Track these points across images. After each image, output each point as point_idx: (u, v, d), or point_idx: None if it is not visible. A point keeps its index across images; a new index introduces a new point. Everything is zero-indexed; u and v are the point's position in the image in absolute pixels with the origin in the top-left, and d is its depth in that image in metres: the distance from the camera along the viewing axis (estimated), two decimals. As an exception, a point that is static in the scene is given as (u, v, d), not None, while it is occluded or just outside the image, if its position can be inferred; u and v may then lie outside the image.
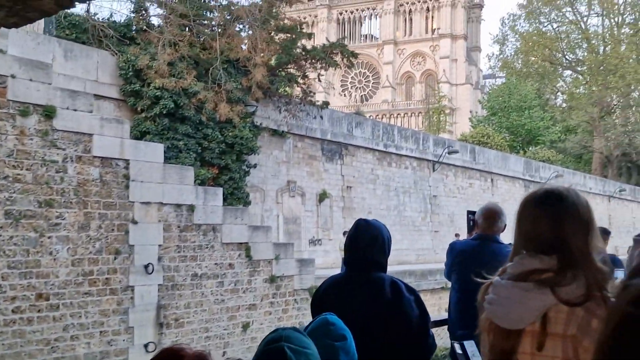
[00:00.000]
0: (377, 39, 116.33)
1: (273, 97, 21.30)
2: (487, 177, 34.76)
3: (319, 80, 23.61)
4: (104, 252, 13.43)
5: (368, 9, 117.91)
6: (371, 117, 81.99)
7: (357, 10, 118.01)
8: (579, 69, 59.81)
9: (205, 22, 19.41)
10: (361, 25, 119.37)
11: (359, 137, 26.00)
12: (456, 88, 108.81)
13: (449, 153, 30.22)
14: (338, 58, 21.72)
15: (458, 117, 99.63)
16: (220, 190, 15.75)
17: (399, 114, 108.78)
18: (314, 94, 23.61)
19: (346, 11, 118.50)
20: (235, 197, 19.94)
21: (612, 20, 60.41)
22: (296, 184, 23.03)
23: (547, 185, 2.18)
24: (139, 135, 17.79)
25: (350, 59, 21.87)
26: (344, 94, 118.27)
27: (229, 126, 19.34)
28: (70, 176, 12.86)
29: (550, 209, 2.00)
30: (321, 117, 22.74)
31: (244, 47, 17.84)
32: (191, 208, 15.03)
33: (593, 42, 59.50)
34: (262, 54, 17.46)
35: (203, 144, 19.02)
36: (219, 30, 18.16)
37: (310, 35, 21.58)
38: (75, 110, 13.01)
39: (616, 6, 59.82)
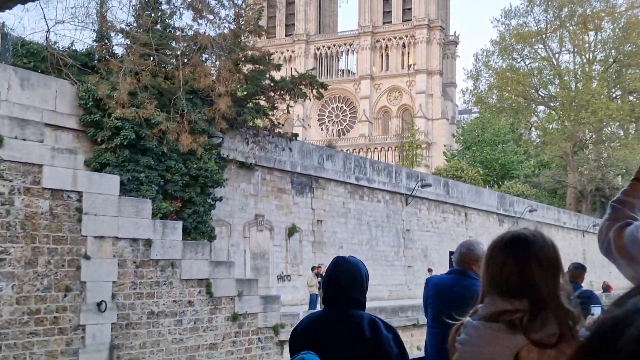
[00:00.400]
0: (354, 74, 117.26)
1: (241, 129, 20.86)
2: (460, 211, 34.50)
3: (288, 112, 23.25)
4: (53, 289, 12.71)
5: (345, 44, 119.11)
6: (348, 151, 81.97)
7: (334, 45, 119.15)
8: (552, 104, 60.48)
9: (170, 51, 19.01)
10: (338, 60, 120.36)
11: (330, 170, 25.61)
12: (432, 123, 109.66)
13: (422, 186, 29.93)
14: (307, 89, 21.41)
15: (434, 151, 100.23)
16: (179, 224, 15.16)
17: (375, 148, 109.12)
18: (283, 125, 23.22)
19: (323, 46, 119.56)
20: (200, 231, 19.30)
21: (583, 57, 61.41)
22: (264, 218, 22.47)
23: (513, 229, 2.19)
24: (99, 167, 17.18)
25: (320, 90, 21.58)
26: (322, 128, 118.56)
27: (193, 158, 18.81)
28: (17, 209, 12.20)
29: (517, 254, 2.02)
30: (290, 149, 22.32)
31: (209, 77, 17.42)
32: (148, 242, 14.39)
33: (565, 78, 60.32)
34: (226, 84, 17.05)
35: (166, 176, 18.44)
36: (183, 59, 17.77)
37: (279, 67, 21.29)
38: (24, 139, 12.42)
39: (587, 44, 60.89)
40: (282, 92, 21.10)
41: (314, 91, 21.54)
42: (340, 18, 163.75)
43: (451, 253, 26.34)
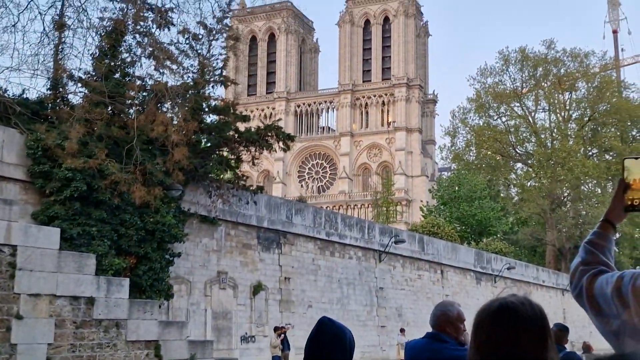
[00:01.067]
0: (334, 131, 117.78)
1: (203, 182, 20.05)
2: (436, 268, 33.61)
3: (254, 164, 22.54)
4: (-22, 353, 11.55)
5: (325, 102, 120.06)
6: (328, 208, 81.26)
7: (314, 103, 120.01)
8: (529, 161, 60.56)
9: (129, 100, 18.35)
10: (319, 117, 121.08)
11: (299, 225, 24.73)
12: (412, 180, 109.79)
13: (396, 242, 29.09)
14: (273, 141, 20.76)
15: (414, 208, 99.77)
16: (126, 281, 14.12)
17: (355, 205, 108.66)
18: (246, 178, 22.45)
19: (304, 104, 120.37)
20: (156, 289, 18.21)
21: (559, 115, 62.00)
22: (227, 275, 21.41)
23: (502, 294, 2.08)
24: (47, 220, 16.19)
25: (287, 141, 20.94)
26: (302, 185, 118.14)
27: (149, 211, 17.89)
28: (-61, 264, 11.16)
29: (505, 325, 1.95)
30: (255, 202, 21.48)
31: (165, 125, 16.69)
32: (90, 301, 13.32)
33: (541, 136, 60.67)
34: (182, 133, 16.35)
35: (120, 230, 17.46)
36: (140, 108, 17.09)
37: (245, 118, 20.68)
38: (-48, 188, 11.49)
39: (562, 103, 61.59)
40: (247, 143, 20.41)
41: (281, 143, 20.90)
42: (321, 77, 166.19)
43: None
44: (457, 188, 45.64)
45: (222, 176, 20.72)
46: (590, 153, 61.17)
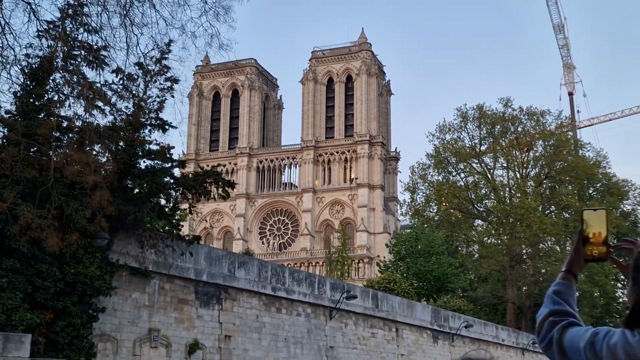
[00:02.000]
0: (297, 187, 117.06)
1: (135, 230, 18.67)
2: (391, 326, 32.26)
3: (191, 213, 21.29)
4: None
5: (288, 158, 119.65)
6: (289, 265, 79.51)
7: (277, 159, 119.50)
8: (489, 218, 60.30)
9: (55, 142, 17.10)
10: (281, 173, 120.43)
11: (243, 279, 23.33)
12: (374, 237, 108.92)
13: (347, 298, 27.78)
14: (213, 187, 19.61)
15: (376, 266, 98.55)
16: (27, 338, 12.60)
17: (317, 263, 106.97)
18: (181, 226, 21.12)
19: (266, 159, 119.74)
20: (75, 347, 16.57)
21: (517, 172, 62.27)
22: (160, 333, 19.79)
23: (467, 356, 2.08)
24: (-51, 269, 14.63)
25: (226, 188, 19.81)
26: (263, 242, 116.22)
27: (71, 262, 16.43)
28: None
29: None
30: (190, 253, 20.10)
31: (87, 168, 15.45)
32: (-19, 361, 11.73)
33: (500, 193, 60.67)
34: (102, 174, 15.13)
35: (35, 282, 15.93)
36: (60, 150, 15.86)
37: (183, 164, 19.53)
38: None
39: (519, 160, 61.96)
40: (184, 189, 19.21)
41: (220, 190, 19.74)
42: (285, 133, 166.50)
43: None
44: (414, 243, 44.75)
45: (155, 225, 19.39)
46: (548, 210, 61.28)
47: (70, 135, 17.11)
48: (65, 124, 17.55)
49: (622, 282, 64.50)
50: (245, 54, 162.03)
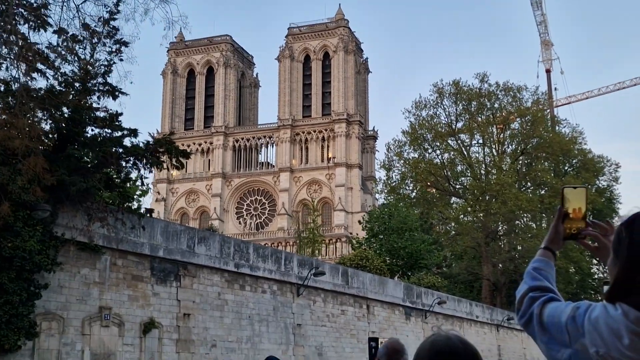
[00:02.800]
0: (274, 166, 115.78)
1: (83, 203, 17.49)
2: (362, 302, 31.50)
3: (142, 184, 20.16)
4: None
5: (265, 137, 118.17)
6: (266, 245, 78.67)
7: (253, 138, 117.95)
8: (465, 195, 59.78)
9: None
10: (258, 153, 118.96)
11: (203, 255, 22.28)
12: (352, 216, 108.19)
13: (315, 275, 26.90)
14: (165, 157, 18.47)
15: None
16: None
17: (295, 242, 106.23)
18: (133, 199, 19.98)
19: (242, 139, 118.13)
20: (13, 327, 15.46)
21: (493, 149, 61.72)
22: (112, 311, 18.72)
23: (434, 337, 2.17)
24: None
25: (180, 158, 18.68)
26: (240, 222, 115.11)
27: (8, 235, 15.26)
28: None
29: None
30: (143, 227, 18.95)
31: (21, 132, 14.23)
32: None
33: (476, 169, 60.14)
34: (33, 139, 13.93)
35: (-34, 256, 14.77)
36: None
37: (134, 132, 18.32)
38: None
39: (496, 136, 61.39)
40: (135, 159, 18.05)
41: (174, 160, 18.61)
42: (261, 112, 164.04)
43: (371, 340, 23.00)
44: (387, 219, 43.93)
45: (104, 197, 18.23)
46: (524, 187, 60.86)
47: (5, 98, 15.84)
48: (1, 87, 16.28)
49: (597, 259, 64.58)
50: (220, 30, 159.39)
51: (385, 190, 62.43)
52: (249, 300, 24.35)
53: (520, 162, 62.09)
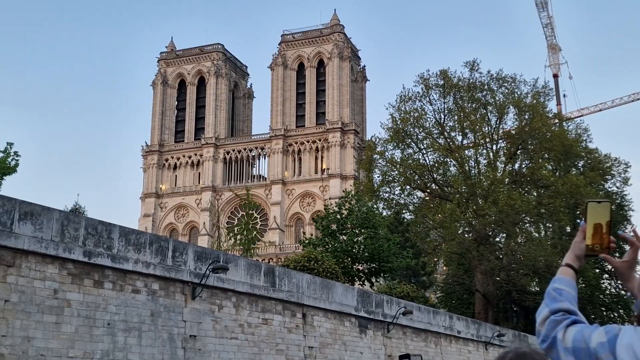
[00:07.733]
0: (266, 179, 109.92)
1: None
2: (295, 310, 25.15)
3: None
4: None
5: (256, 148, 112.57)
6: (258, 261, 72.41)
7: (244, 149, 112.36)
8: (454, 196, 53.20)
9: None
10: (250, 165, 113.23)
11: (28, 237, 16.16)
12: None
13: (214, 271, 20.64)
14: None
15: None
16: None
17: (287, 258, 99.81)
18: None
19: (233, 150, 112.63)
20: None
21: (487, 147, 55.24)
22: None
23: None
24: None
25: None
26: (230, 237, 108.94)
27: None
28: None
29: None
30: None
31: None
32: None
33: (467, 168, 53.68)
34: None
35: None
36: None
37: None
38: None
39: (488, 131, 54.96)
40: None
41: None
42: (255, 123, 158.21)
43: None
44: (345, 213, 37.44)
45: None
46: (521, 187, 54.07)
47: None
48: None
49: (609, 272, 57.57)
50: (212, 39, 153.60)
51: (367, 195, 55.79)
52: (110, 302, 18.12)
53: (519, 159, 55.45)
